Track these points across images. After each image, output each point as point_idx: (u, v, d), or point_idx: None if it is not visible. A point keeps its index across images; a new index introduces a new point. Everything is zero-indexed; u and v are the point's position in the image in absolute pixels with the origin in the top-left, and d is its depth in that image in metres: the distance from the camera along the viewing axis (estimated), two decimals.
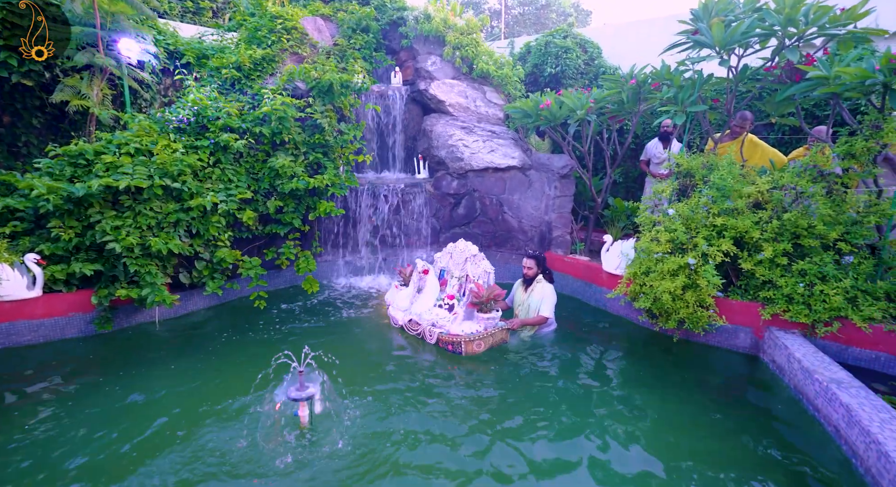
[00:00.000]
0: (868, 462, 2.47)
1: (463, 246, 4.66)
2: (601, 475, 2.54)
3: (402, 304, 4.57)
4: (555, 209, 6.06)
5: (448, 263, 4.73)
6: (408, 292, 4.63)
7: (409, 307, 4.51)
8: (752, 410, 3.23)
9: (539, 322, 4.35)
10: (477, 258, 4.51)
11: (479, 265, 4.47)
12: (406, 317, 4.39)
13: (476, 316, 4.12)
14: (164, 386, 3.37)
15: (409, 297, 4.60)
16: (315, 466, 2.51)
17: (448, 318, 4.14)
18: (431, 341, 4.13)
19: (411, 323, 4.32)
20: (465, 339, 3.92)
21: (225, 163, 4.86)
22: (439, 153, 6.52)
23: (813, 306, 3.66)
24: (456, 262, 4.65)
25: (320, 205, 5.37)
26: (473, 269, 4.49)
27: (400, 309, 4.55)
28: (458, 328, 4.04)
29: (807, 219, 3.80)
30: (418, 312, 4.35)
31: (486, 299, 4.05)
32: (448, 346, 4.03)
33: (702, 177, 4.47)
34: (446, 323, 4.10)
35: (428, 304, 4.38)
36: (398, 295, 4.68)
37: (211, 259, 4.65)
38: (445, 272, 4.71)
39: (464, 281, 4.55)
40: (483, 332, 4.01)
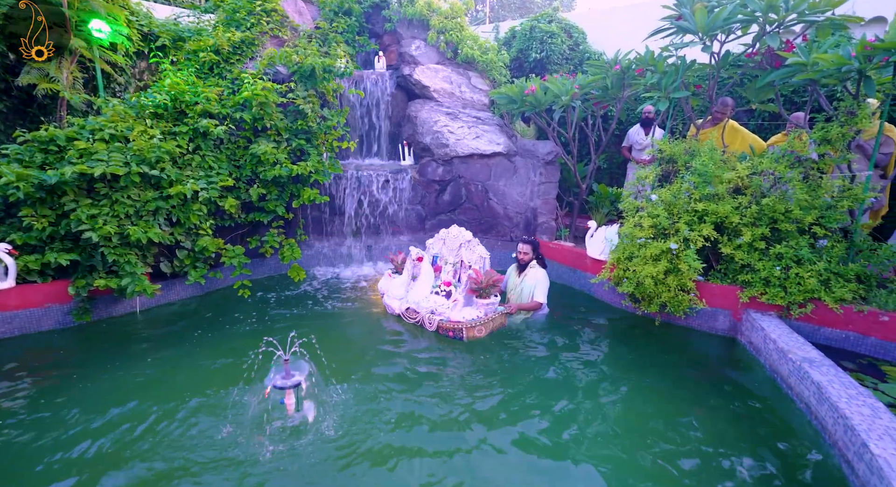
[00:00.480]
0: (835, 436, 2.59)
1: (456, 231, 4.63)
2: (583, 453, 2.61)
3: (398, 293, 4.54)
4: (540, 195, 6.09)
5: (441, 249, 4.70)
6: (402, 280, 4.59)
7: (404, 295, 4.48)
8: (728, 389, 3.33)
9: (534, 307, 4.44)
10: (472, 243, 4.51)
11: (474, 250, 4.47)
12: (403, 306, 4.37)
13: (475, 302, 4.16)
14: (146, 376, 3.33)
15: (404, 285, 4.56)
16: (302, 453, 2.52)
17: (447, 305, 4.16)
18: (431, 328, 4.12)
19: (409, 312, 4.30)
20: (466, 326, 3.96)
21: (205, 149, 4.74)
22: (424, 139, 6.47)
23: (788, 288, 3.77)
24: (450, 248, 4.62)
25: (304, 193, 5.30)
26: (469, 255, 4.48)
27: (395, 297, 4.52)
28: (458, 314, 4.07)
29: (784, 204, 3.89)
30: (416, 300, 4.32)
31: (485, 285, 4.09)
32: (449, 333, 4.05)
33: (684, 163, 4.53)
34: (445, 310, 4.11)
35: (424, 292, 4.35)
36: (392, 283, 4.64)
37: (192, 247, 4.57)
38: (438, 258, 4.68)
39: (458, 266, 4.54)
40: (484, 318, 4.05)
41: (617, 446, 2.68)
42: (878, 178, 4.43)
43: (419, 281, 4.46)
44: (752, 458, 2.58)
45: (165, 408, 2.93)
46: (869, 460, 2.22)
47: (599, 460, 2.56)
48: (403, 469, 2.46)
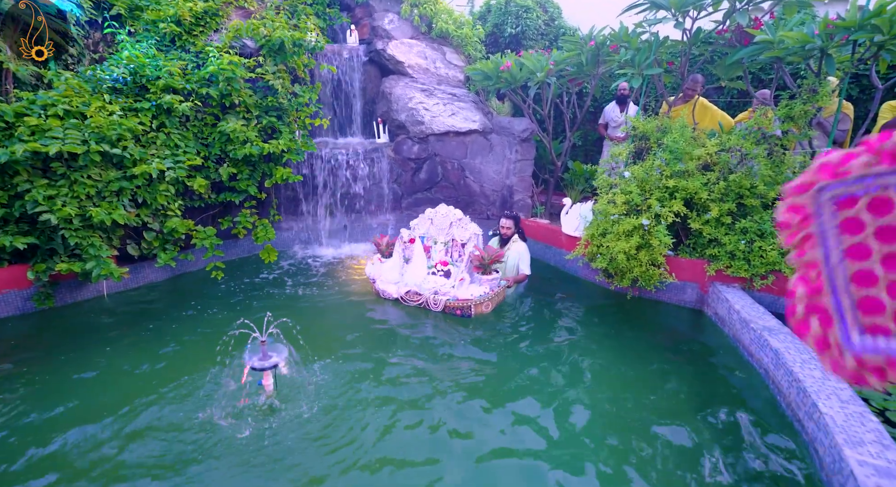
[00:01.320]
0: (789, 398, 2.77)
1: (445, 210, 4.58)
2: (558, 422, 2.71)
3: (391, 277, 4.45)
4: (516, 173, 6.11)
5: (429, 229, 4.64)
6: (394, 263, 4.50)
7: (400, 279, 4.40)
8: (695, 357, 3.50)
9: (522, 279, 4.61)
10: (463, 222, 4.51)
11: (466, 228, 4.48)
12: (402, 289, 4.28)
13: (479, 279, 4.24)
14: (116, 361, 3.26)
15: (398, 269, 4.48)
16: (281, 434, 2.53)
17: (450, 284, 4.19)
18: (437, 308, 4.14)
19: (409, 295, 4.24)
20: (475, 303, 4.04)
21: (170, 127, 4.54)
22: (399, 117, 6.36)
23: (752, 261, 3.94)
24: (439, 228, 4.57)
25: (277, 172, 5.17)
26: (461, 233, 4.47)
27: (390, 282, 4.42)
28: (466, 292, 4.12)
29: (750, 180, 4.02)
30: (416, 282, 4.26)
31: (490, 261, 4.19)
32: (456, 311, 4.10)
33: (656, 140, 4.61)
34: (450, 290, 4.14)
35: (421, 273, 4.31)
36: (384, 268, 4.53)
37: (161, 229, 4.42)
38: (425, 238, 4.62)
39: (450, 245, 4.53)
40: (491, 293, 4.15)
41: (596, 407, 2.80)
42: None
43: (413, 263, 4.40)
44: (714, 420, 2.74)
45: (136, 395, 2.87)
46: (818, 418, 2.38)
47: (580, 419, 2.68)
48: (385, 446, 2.50)
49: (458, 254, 4.52)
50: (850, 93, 5.14)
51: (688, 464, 2.39)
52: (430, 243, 4.60)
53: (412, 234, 4.58)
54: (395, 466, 2.34)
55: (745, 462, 2.40)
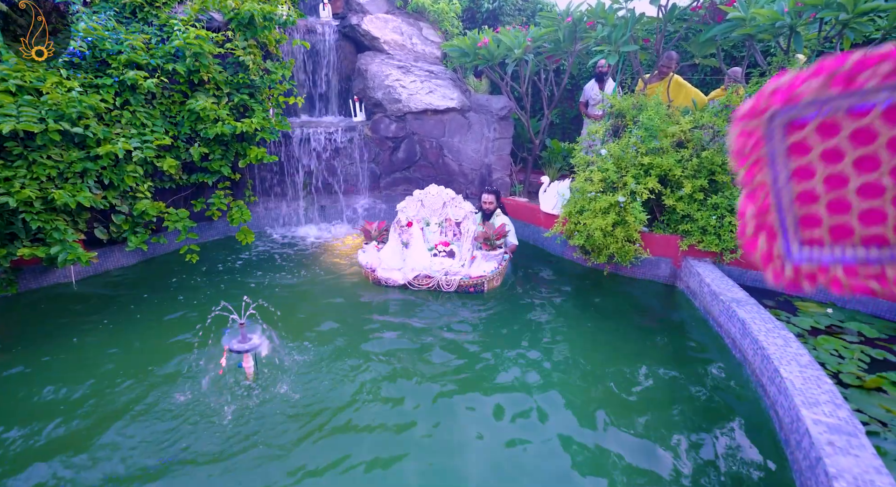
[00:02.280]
0: (754, 365, 2.91)
1: (436, 190, 4.51)
2: (547, 383, 2.80)
3: (394, 263, 4.30)
4: (494, 151, 6.10)
5: (419, 211, 4.53)
6: (394, 249, 4.37)
7: (402, 264, 4.30)
8: (667, 329, 3.63)
9: (514, 249, 4.72)
10: (456, 201, 4.49)
11: (461, 207, 4.47)
12: (410, 274, 4.17)
13: (486, 255, 4.31)
14: (86, 347, 3.18)
15: (398, 254, 4.35)
16: (263, 416, 2.53)
17: (458, 264, 4.23)
18: (451, 288, 4.15)
19: (418, 279, 4.17)
20: (487, 278, 4.15)
21: (135, 105, 4.35)
22: (376, 94, 6.23)
23: (722, 236, 4.07)
24: (431, 209, 4.50)
25: (250, 152, 5.03)
26: (456, 212, 4.45)
27: (393, 268, 4.27)
28: (478, 270, 4.19)
29: (721, 157, 4.12)
30: (424, 265, 4.19)
31: (497, 237, 4.29)
32: (469, 289, 4.17)
33: (632, 118, 4.65)
34: (460, 269, 4.17)
35: (423, 256, 4.25)
36: (384, 255, 4.38)
37: (130, 212, 4.28)
38: (412, 216, 4.53)
39: (444, 225, 4.51)
40: (500, 268, 4.26)
41: (575, 376, 2.89)
42: None
43: (414, 246, 4.30)
44: (683, 387, 2.87)
45: (109, 382, 2.83)
46: (779, 382, 2.52)
47: (562, 387, 2.76)
48: (365, 425, 2.53)
49: (454, 234, 4.51)
50: None
51: (659, 426, 2.51)
52: (421, 225, 4.55)
53: (407, 218, 4.48)
54: (381, 442, 2.39)
55: (711, 425, 2.53)
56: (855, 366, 2.87)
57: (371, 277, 4.30)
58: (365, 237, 4.55)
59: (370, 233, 4.50)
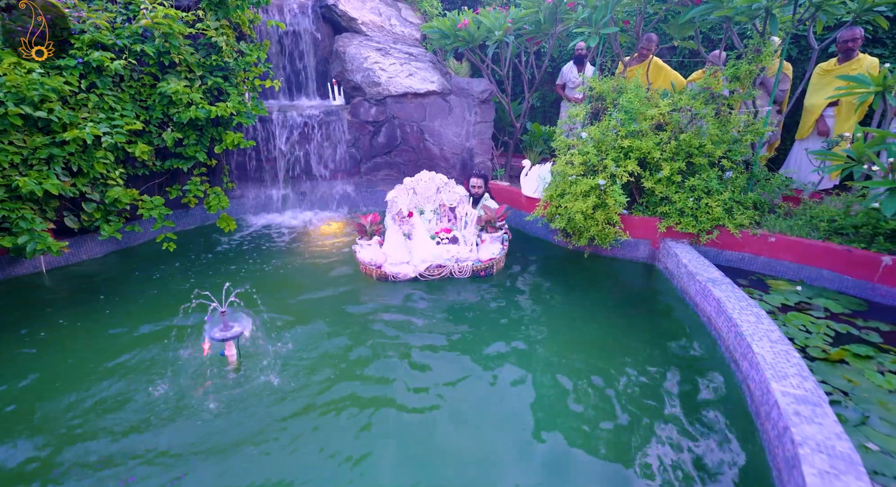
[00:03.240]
0: (728, 341, 3.02)
1: (428, 176, 4.43)
2: (519, 369, 2.85)
3: (401, 256, 4.14)
4: (475, 135, 6.07)
5: (412, 199, 4.41)
6: (397, 242, 4.21)
7: (409, 256, 4.16)
8: (645, 308, 3.72)
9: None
10: (449, 185, 4.45)
11: (454, 192, 4.43)
12: (421, 266, 4.05)
13: (492, 237, 4.35)
14: (61, 340, 3.11)
15: (403, 247, 4.20)
16: (248, 403, 2.52)
17: (467, 249, 4.21)
18: (465, 275, 4.14)
19: (430, 269, 4.07)
20: (496, 260, 4.19)
21: (102, 88, 4.17)
22: (355, 77, 6.11)
23: (699, 218, 4.16)
24: (425, 196, 4.41)
25: (226, 137, 4.90)
26: (450, 197, 4.41)
27: (401, 262, 4.12)
28: (487, 253, 4.22)
29: (699, 139, 4.18)
30: (435, 254, 4.10)
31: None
32: (481, 273, 4.20)
33: (612, 101, 4.67)
34: (468, 254, 4.16)
35: (430, 245, 4.17)
36: (387, 249, 4.18)
37: (102, 200, 4.14)
38: (404, 206, 4.41)
39: (440, 211, 4.46)
40: (505, 249, 4.33)
41: (556, 353, 2.96)
42: (776, 114, 4.87)
43: (418, 236, 4.20)
44: (661, 363, 2.96)
45: (89, 371, 2.78)
46: (751, 357, 2.62)
47: (544, 364, 2.82)
48: (351, 411, 2.55)
49: (448, 220, 4.48)
50: (790, 53, 5.36)
51: (637, 399, 2.59)
52: (416, 212, 4.46)
53: (406, 208, 4.38)
54: (367, 425, 2.41)
55: (686, 399, 2.63)
56: (821, 340, 3.00)
57: (376, 274, 4.05)
58: (359, 233, 4.30)
59: (365, 229, 4.26)
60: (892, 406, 2.42)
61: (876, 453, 2.12)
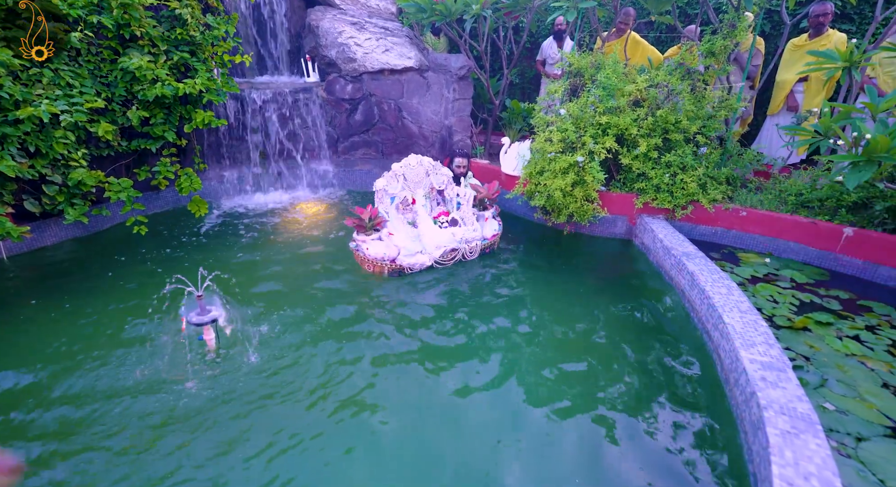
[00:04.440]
0: (701, 313, 3.12)
1: (416, 160, 4.23)
2: (504, 342, 2.91)
3: (413, 247, 3.96)
4: (454, 112, 5.99)
5: (402, 186, 4.23)
6: (406, 232, 4.05)
7: (423, 246, 4.00)
8: (623, 283, 3.81)
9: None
10: (437, 167, 4.33)
11: (440, 173, 4.32)
12: (436, 253, 3.92)
13: (484, 215, 4.38)
14: (26, 329, 3.00)
15: (412, 236, 4.03)
16: (230, 387, 2.51)
17: (471, 229, 4.18)
18: (475, 255, 4.16)
19: (445, 255, 3.97)
20: (497, 235, 4.30)
21: (57, 62, 3.93)
22: (329, 53, 5.91)
23: (674, 193, 4.23)
24: (415, 181, 4.25)
25: (196, 115, 4.70)
26: (438, 179, 4.30)
27: (415, 252, 3.93)
28: (490, 230, 4.32)
29: (675, 115, 4.22)
30: (447, 239, 3.98)
31: (494, 196, 4.39)
32: (486, 250, 4.25)
33: (590, 77, 4.66)
34: (473, 233, 4.14)
35: (437, 230, 4.07)
36: (399, 241, 3.94)
37: (65, 182, 3.96)
38: (395, 199, 4.21)
39: (430, 195, 4.35)
40: (499, 224, 4.42)
41: (539, 327, 3.02)
42: (748, 89, 4.94)
43: (424, 224, 4.06)
44: (637, 336, 3.05)
45: (59, 359, 2.70)
46: (721, 328, 2.72)
47: (526, 338, 2.88)
48: (333, 394, 2.56)
49: (437, 202, 4.41)
50: (763, 28, 5.40)
51: (612, 369, 2.68)
52: (407, 197, 4.30)
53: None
54: (350, 406, 2.43)
55: (660, 368, 2.73)
56: (787, 310, 3.14)
57: (388, 269, 3.78)
58: (357, 229, 3.95)
59: (364, 224, 3.91)
60: (848, 368, 2.56)
61: (832, 412, 2.25)
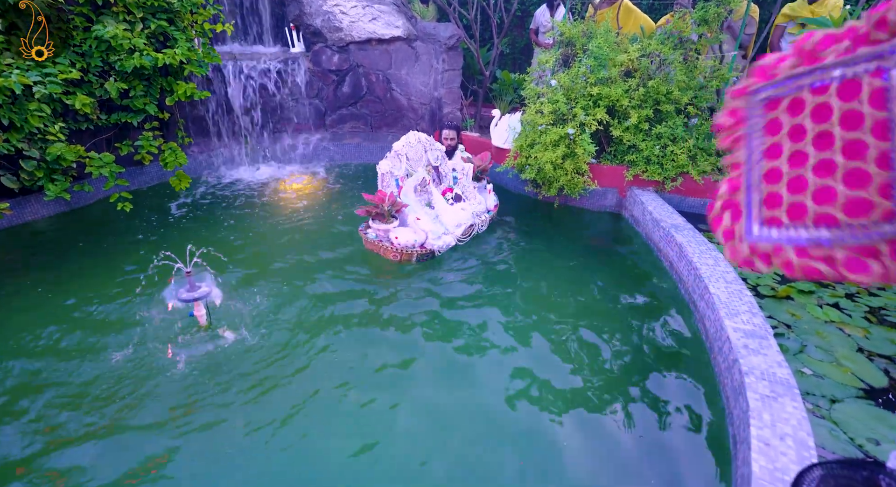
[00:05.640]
0: (688, 284, 3.17)
1: (414, 138, 4.03)
2: (510, 302, 2.95)
3: (436, 229, 3.78)
4: (444, 84, 5.87)
5: (406, 166, 4.02)
6: (427, 215, 3.87)
7: (444, 225, 3.87)
8: (612, 256, 3.85)
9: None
10: (432, 143, 4.19)
11: (436, 149, 4.19)
12: (458, 231, 3.83)
13: (486, 187, 4.36)
14: (6, 303, 2.97)
15: (432, 217, 3.89)
16: (224, 363, 2.51)
17: (477, 202, 4.13)
18: (485, 228, 4.15)
19: (465, 232, 3.89)
20: (497, 206, 4.33)
21: (25, 30, 3.75)
22: (314, 22, 5.71)
23: (664, 165, 4.23)
24: (416, 159, 4.08)
25: (178, 88, 4.55)
26: (433, 155, 4.19)
27: (440, 234, 3.77)
28: (492, 202, 4.31)
29: (666, 86, 4.17)
30: (465, 216, 3.90)
31: (484, 169, 4.31)
32: (492, 220, 4.26)
33: (581, 46, 4.56)
34: (482, 207, 4.10)
35: (450, 208, 3.98)
36: (424, 225, 3.70)
37: (43, 157, 3.85)
38: (400, 179, 3.96)
39: (429, 171, 4.26)
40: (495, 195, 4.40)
41: (532, 298, 3.06)
42: (741, 59, 4.88)
43: (440, 204, 3.96)
44: (627, 304, 3.11)
45: (38, 343, 2.67)
46: (707, 298, 2.78)
47: (523, 308, 2.92)
48: (325, 366, 2.58)
49: (434, 179, 4.33)
50: None
51: (604, 336, 2.74)
52: (406, 177, 4.08)
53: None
54: (347, 379, 2.46)
55: (648, 338, 2.79)
56: (770, 279, 3.20)
57: (416, 255, 3.55)
58: (377, 218, 3.59)
59: (384, 212, 3.55)
60: (826, 335, 2.64)
61: (809, 376, 2.34)
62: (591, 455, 2.02)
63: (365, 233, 3.66)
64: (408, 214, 3.77)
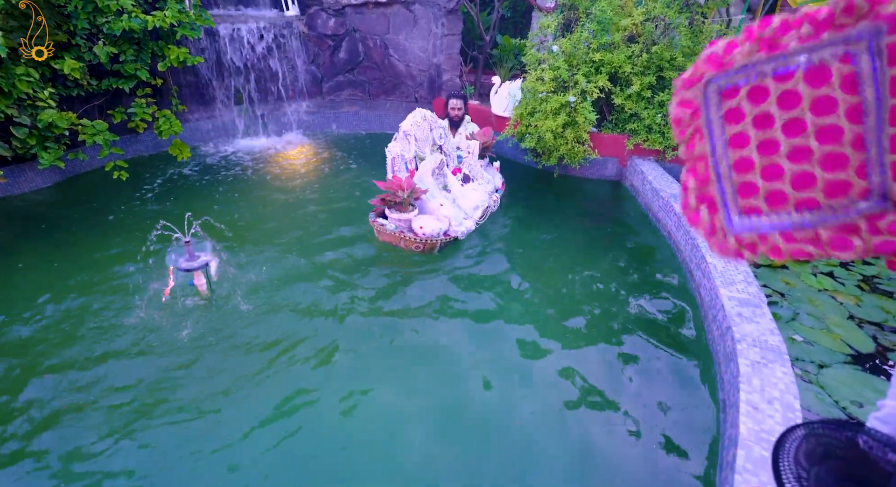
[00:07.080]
0: (685, 253, 3.19)
1: (420, 116, 3.85)
2: (511, 268, 2.98)
3: (457, 214, 3.48)
4: (443, 49, 5.70)
5: (415, 147, 3.85)
6: (448, 200, 3.58)
7: (463, 208, 3.62)
8: (611, 224, 3.85)
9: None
10: (436, 121, 4.05)
11: (440, 126, 4.06)
12: (476, 214, 3.62)
13: (495, 164, 4.30)
14: (5, 277, 2.97)
15: (452, 203, 3.60)
16: (223, 329, 2.55)
17: (486, 180, 3.94)
18: (496, 207, 3.96)
19: (483, 214, 3.71)
20: (503, 183, 4.22)
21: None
22: None
23: (666, 134, 4.17)
24: (423, 139, 3.90)
25: (170, 52, 4.42)
26: (437, 134, 4.04)
27: (461, 219, 3.48)
28: (499, 179, 4.19)
29: (670, 52, 4.06)
30: (481, 198, 3.70)
31: (487, 145, 4.17)
32: (499, 199, 4.12)
33: (584, 10, 4.41)
34: (491, 186, 3.95)
35: (465, 191, 3.76)
36: (446, 211, 3.42)
37: (34, 124, 3.78)
38: (408, 162, 3.75)
39: (437, 151, 4.09)
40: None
41: (534, 265, 3.10)
42: (749, 22, 4.73)
43: (455, 187, 3.74)
44: (625, 273, 3.14)
45: (40, 313, 2.68)
46: (704, 267, 2.80)
47: (524, 272, 2.96)
48: (326, 333, 2.62)
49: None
50: None
51: (604, 302, 2.78)
52: (416, 159, 3.89)
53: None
54: (341, 351, 2.51)
55: (645, 307, 2.83)
56: None
57: (440, 243, 3.33)
58: (397, 208, 3.31)
59: (403, 200, 3.26)
60: (818, 302, 2.68)
61: (800, 343, 2.39)
62: (588, 415, 2.09)
63: (380, 223, 3.32)
64: (427, 200, 3.45)
